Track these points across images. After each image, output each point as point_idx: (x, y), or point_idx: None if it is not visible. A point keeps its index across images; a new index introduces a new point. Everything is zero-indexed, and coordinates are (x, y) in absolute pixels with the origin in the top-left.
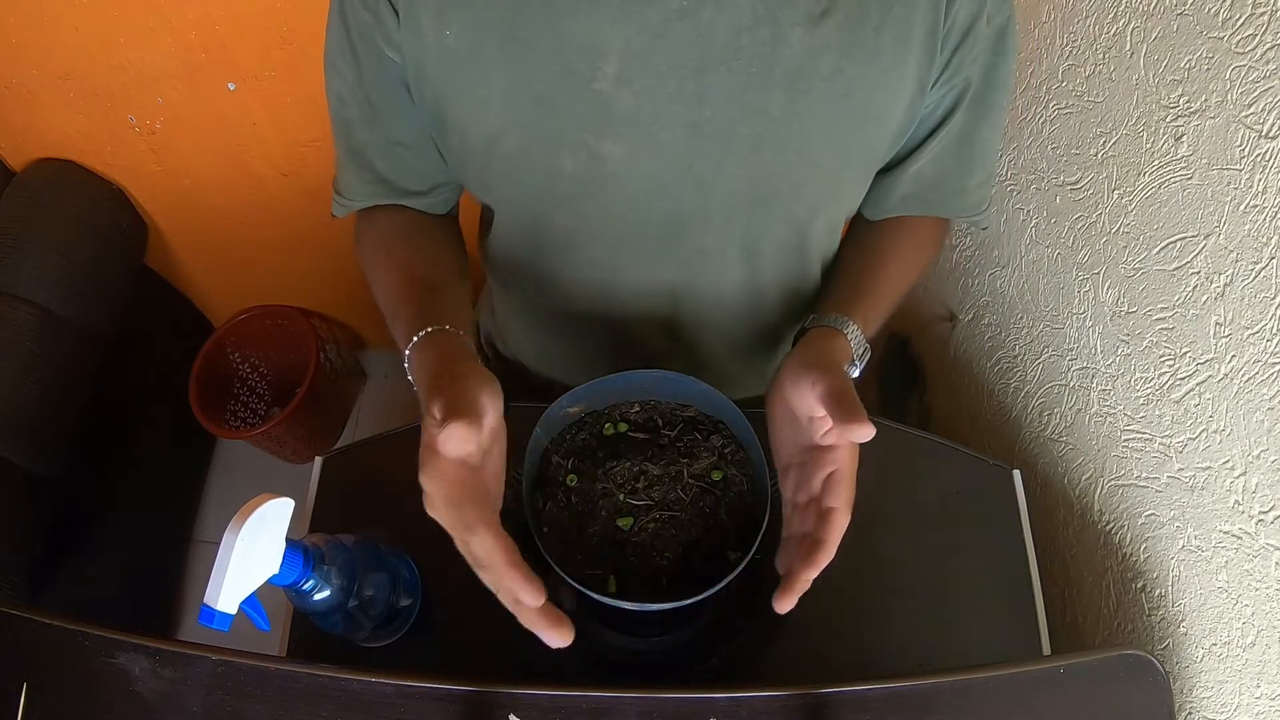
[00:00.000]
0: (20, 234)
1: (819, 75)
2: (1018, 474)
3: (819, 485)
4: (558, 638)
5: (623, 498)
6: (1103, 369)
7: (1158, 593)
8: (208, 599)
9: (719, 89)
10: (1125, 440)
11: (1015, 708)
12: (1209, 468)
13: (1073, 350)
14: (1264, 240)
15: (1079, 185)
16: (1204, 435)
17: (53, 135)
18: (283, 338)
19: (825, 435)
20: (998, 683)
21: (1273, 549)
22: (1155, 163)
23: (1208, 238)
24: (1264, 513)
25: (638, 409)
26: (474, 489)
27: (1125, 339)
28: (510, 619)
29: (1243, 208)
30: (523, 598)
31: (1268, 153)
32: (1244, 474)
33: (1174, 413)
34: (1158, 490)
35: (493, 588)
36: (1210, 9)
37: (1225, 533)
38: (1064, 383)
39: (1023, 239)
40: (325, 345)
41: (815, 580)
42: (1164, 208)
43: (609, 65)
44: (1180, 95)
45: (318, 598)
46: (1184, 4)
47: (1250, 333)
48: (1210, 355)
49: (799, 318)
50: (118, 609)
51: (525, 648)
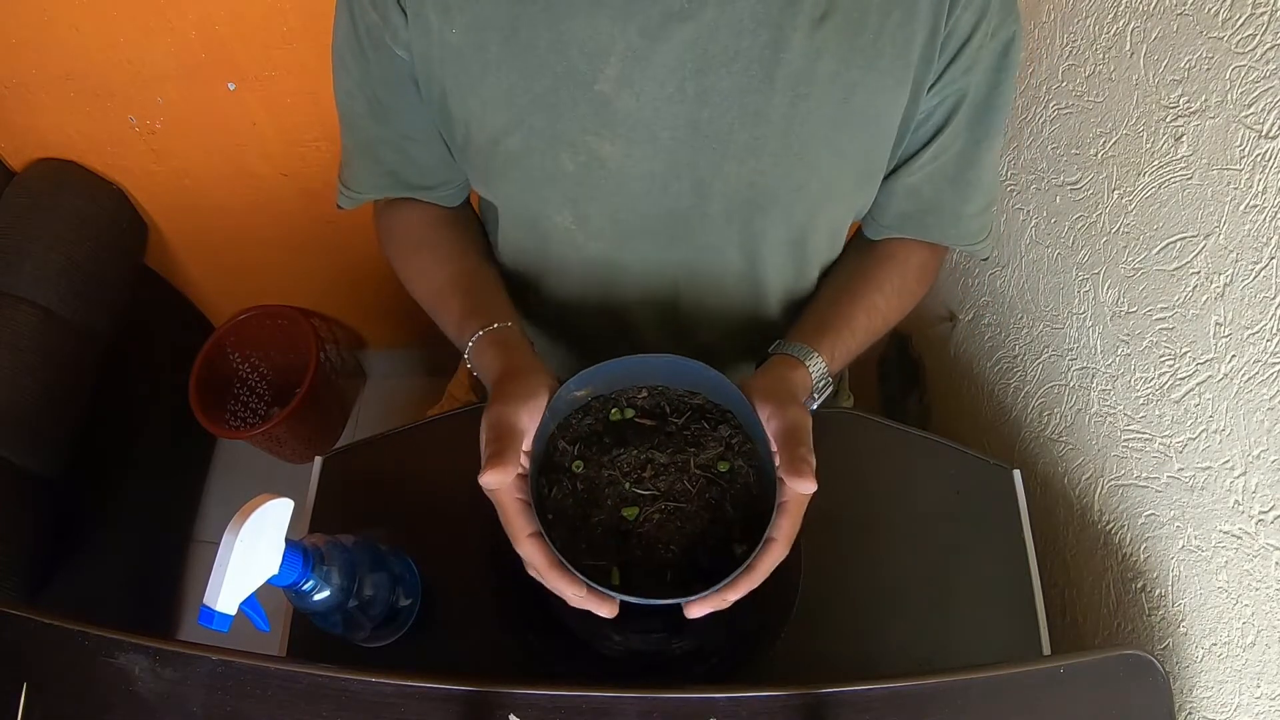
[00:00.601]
0: (20, 234)
1: (819, 79)
2: (1018, 474)
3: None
4: (608, 610)
5: (629, 486)
6: (1103, 369)
7: (1158, 593)
8: (208, 599)
9: (719, 91)
10: (1125, 440)
11: (1015, 708)
12: (1209, 468)
13: (1073, 350)
14: (1264, 240)
15: (1079, 185)
16: (1204, 435)
17: (53, 135)
18: (283, 338)
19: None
20: (998, 683)
21: (1273, 549)
22: (1155, 163)
23: (1208, 238)
24: (1264, 513)
25: (646, 394)
26: (516, 500)
27: (1125, 339)
28: (509, 619)
29: (1243, 208)
30: (566, 594)
31: (1268, 153)
32: (1244, 474)
33: (1174, 413)
34: (1158, 490)
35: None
36: (1210, 9)
37: (1225, 533)
38: (1064, 383)
39: (1023, 239)
40: (325, 345)
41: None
42: (1164, 208)
43: (610, 66)
44: (1180, 95)
45: (318, 598)
46: (1184, 4)
47: (1250, 333)
48: (1210, 355)
49: (798, 312)
50: (118, 609)
51: (525, 648)
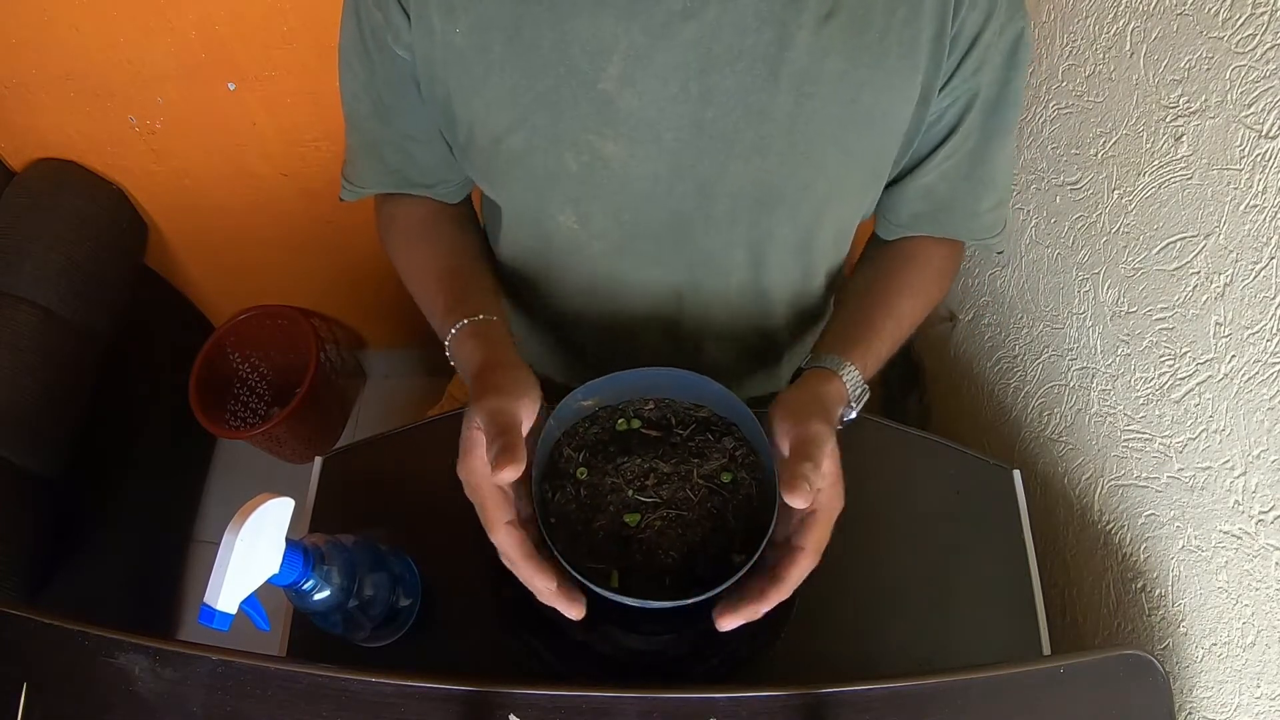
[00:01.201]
0: (20, 234)
1: (824, 78)
2: (1018, 474)
3: (795, 519)
4: (576, 610)
5: (631, 494)
6: (1103, 369)
7: (1158, 593)
8: (208, 599)
9: (723, 90)
10: (1125, 440)
11: (1015, 708)
12: (1209, 468)
13: (1073, 350)
14: (1264, 240)
15: (1079, 185)
16: (1204, 435)
17: (53, 135)
18: (283, 338)
19: None
20: (998, 683)
21: (1273, 549)
22: (1155, 163)
23: (1208, 238)
24: (1264, 513)
25: (652, 406)
26: (496, 487)
27: (1125, 339)
28: (509, 619)
29: (1243, 208)
30: (535, 586)
31: (1268, 153)
32: (1244, 474)
33: (1174, 413)
34: (1158, 490)
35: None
36: (1210, 9)
37: (1225, 533)
38: (1064, 383)
39: (1023, 239)
40: (325, 345)
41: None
42: (1164, 208)
43: (613, 65)
44: (1180, 95)
45: (318, 598)
46: (1184, 4)
47: (1250, 333)
48: (1210, 355)
49: (803, 321)
50: (118, 609)
51: (525, 647)
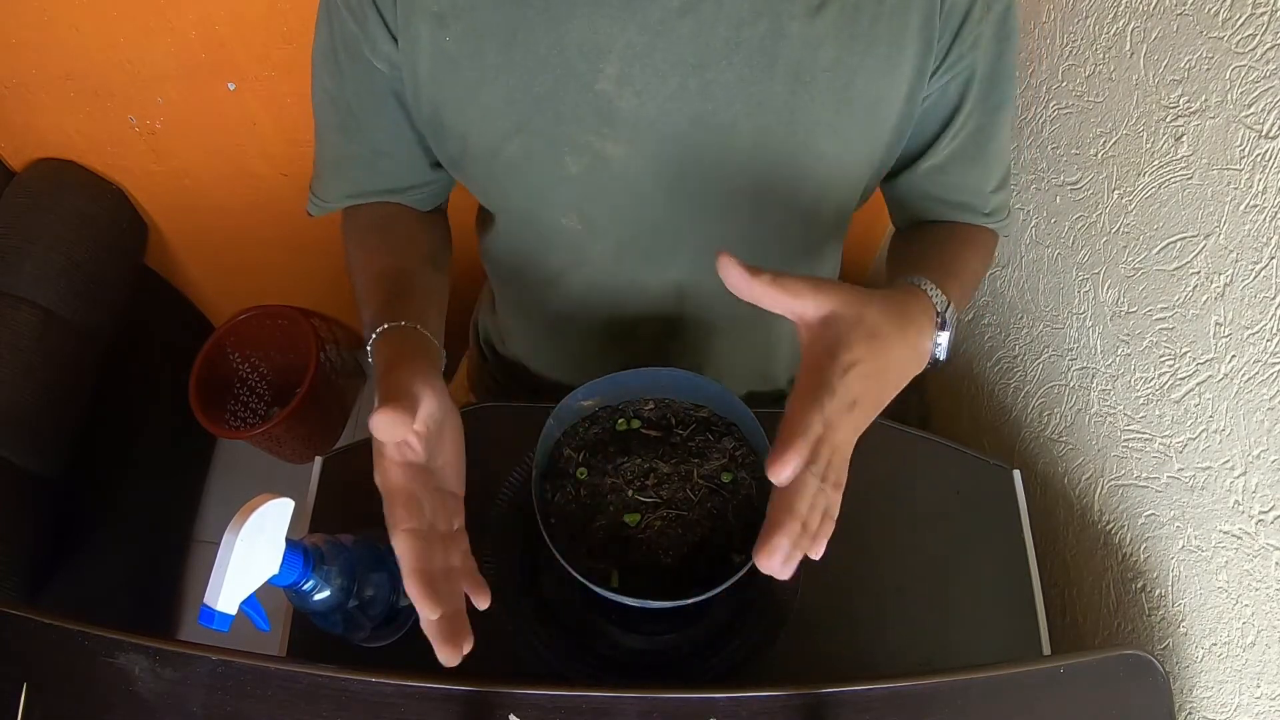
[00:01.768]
0: (20, 234)
1: (819, 67)
2: (1018, 474)
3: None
4: (447, 653)
5: (631, 494)
6: (1103, 369)
7: (1158, 593)
8: (208, 599)
9: (721, 84)
10: (1125, 440)
11: (1015, 708)
12: (1209, 468)
13: (1073, 350)
14: (1264, 240)
15: (1079, 185)
16: (1204, 435)
17: (53, 135)
18: (283, 338)
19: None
20: (998, 683)
21: (1273, 549)
22: (1155, 163)
23: (1208, 238)
24: (1264, 513)
25: (652, 406)
26: (404, 490)
27: (1125, 339)
28: (509, 619)
29: (1243, 208)
30: (419, 608)
31: (1268, 153)
32: (1244, 474)
33: (1174, 413)
34: (1158, 490)
35: None
36: (1210, 9)
37: (1225, 533)
38: (1064, 383)
39: (1023, 239)
40: (325, 345)
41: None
42: (1164, 208)
43: (610, 65)
44: (1180, 95)
45: (318, 598)
46: (1184, 4)
47: (1250, 333)
48: (1210, 355)
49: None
50: (118, 609)
51: (525, 648)
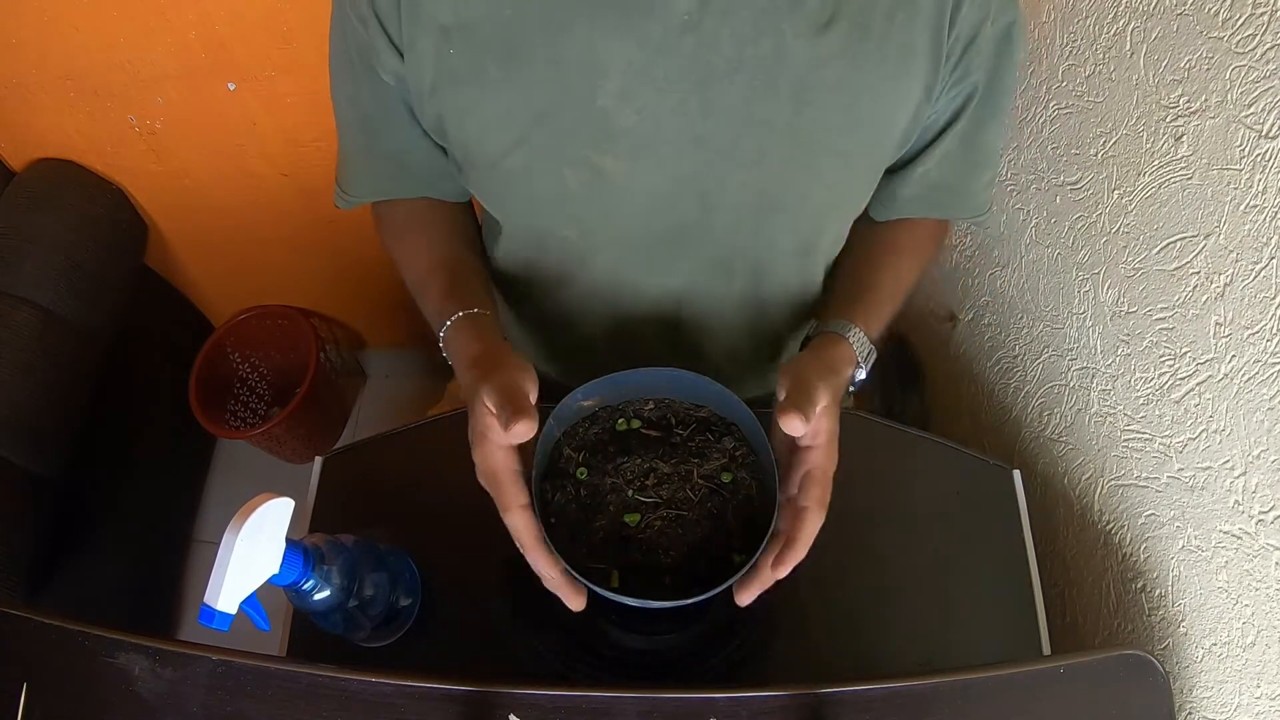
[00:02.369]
0: (20, 234)
1: (824, 86)
2: (1018, 474)
3: (795, 485)
4: (579, 601)
5: (631, 494)
6: (1103, 369)
7: (1158, 593)
8: (208, 599)
9: (722, 102)
10: (1125, 440)
11: (1015, 708)
12: (1209, 468)
13: (1073, 350)
14: (1264, 240)
15: (1079, 185)
16: (1204, 435)
17: (53, 135)
18: (283, 338)
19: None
20: (998, 683)
21: (1273, 549)
22: (1155, 163)
23: (1208, 238)
24: (1264, 513)
25: (652, 406)
26: (512, 471)
27: (1125, 339)
28: (509, 619)
29: (1243, 208)
30: (543, 572)
31: (1268, 153)
32: (1244, 474)
33: (1174, 413)
34: (1158, 490)
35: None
36: (1210, 9)
37: (1225, 533)
38: (1064, 383)
39: (1023, 239)
40: (325, 345)
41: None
42: (1164, 208)
43: (610, 82)
44: (1180, 95)
45: (318, 598)
46: (1184, 4)
47: (1250, 333)
48: (1210, 355)
49: (801, 324)
50: (118, 609)
51: (525, 647)
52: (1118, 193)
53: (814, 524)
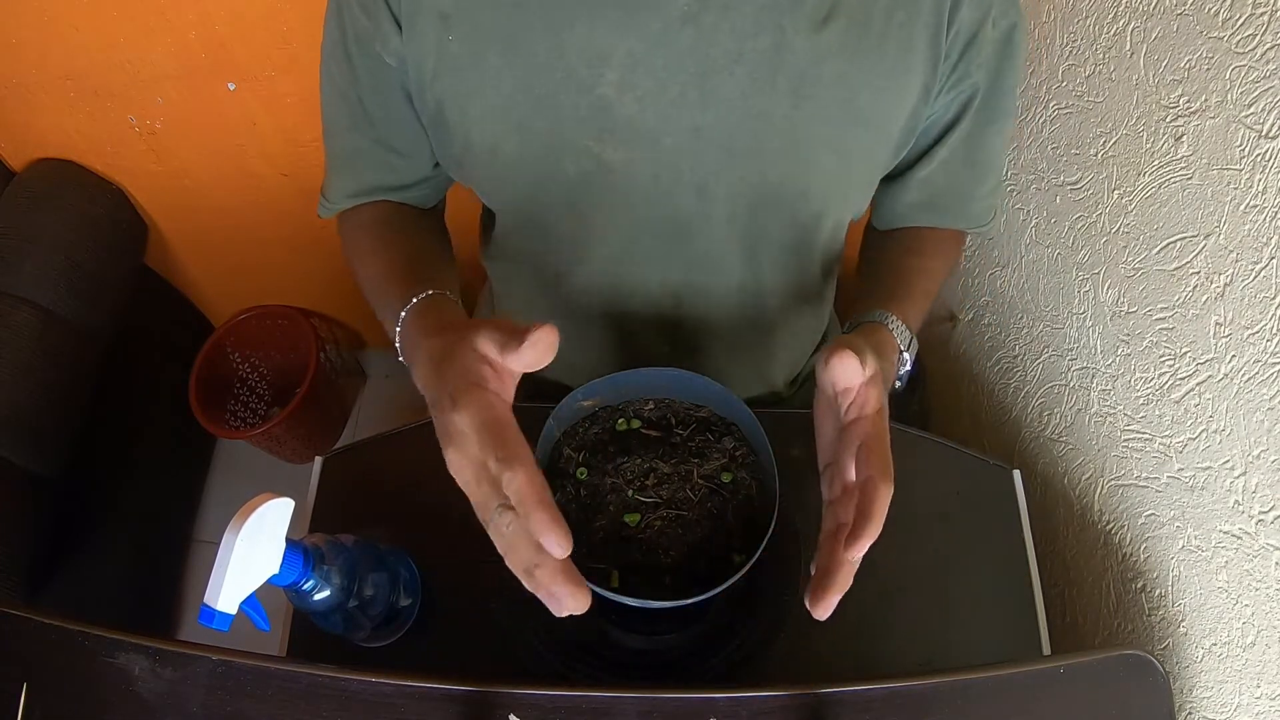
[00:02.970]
0: (20, 234)
1: (822, 81)
2: (1018, 474)
3: (849, 463)
4: (581, 598)
5: (631, 494)
6: (1103, 369)
7: (1158, 593)
8: (208, 599)
9: (721, 95)
10: (1125, 440)
11: (1015, 708)
12: (1209, 468)
13: (1073, 350)
14: (1264, 240)
15: (1079, 185)
16: (1204, 435)
17: (53, 135)
18: (283, 338)
19: (848, 408)
20: (998, 683)
21: (1273, 549)
22: (1155, 163)
23: (1208, 238)
24: (1264, 513)
25: (652, 406)
26: (515, 423)
27: (1125, 339)
28: (509, 619)
29: (1243, 208)
30: (553, 539)
31: (1268, 153)
32: (1244, 474)
33: (1174, 413)
34: (1158, 490)
35: (509, 544)
36: (1210, 9)
37: (1225, 533)
38: (1064, 383)
39: (1023, 239)
40: (325, 345)
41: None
42: (1164, 208)
43: (611, 71)
44: (1180, 95)
45: (318, 598)
46: (1184, 4)
47: (1250, 333)
48: (1210, 355)
49: (799, 319)
50: (118, 609)
51: (525, 647)
52: (1118, 193)
53: (885, 495)
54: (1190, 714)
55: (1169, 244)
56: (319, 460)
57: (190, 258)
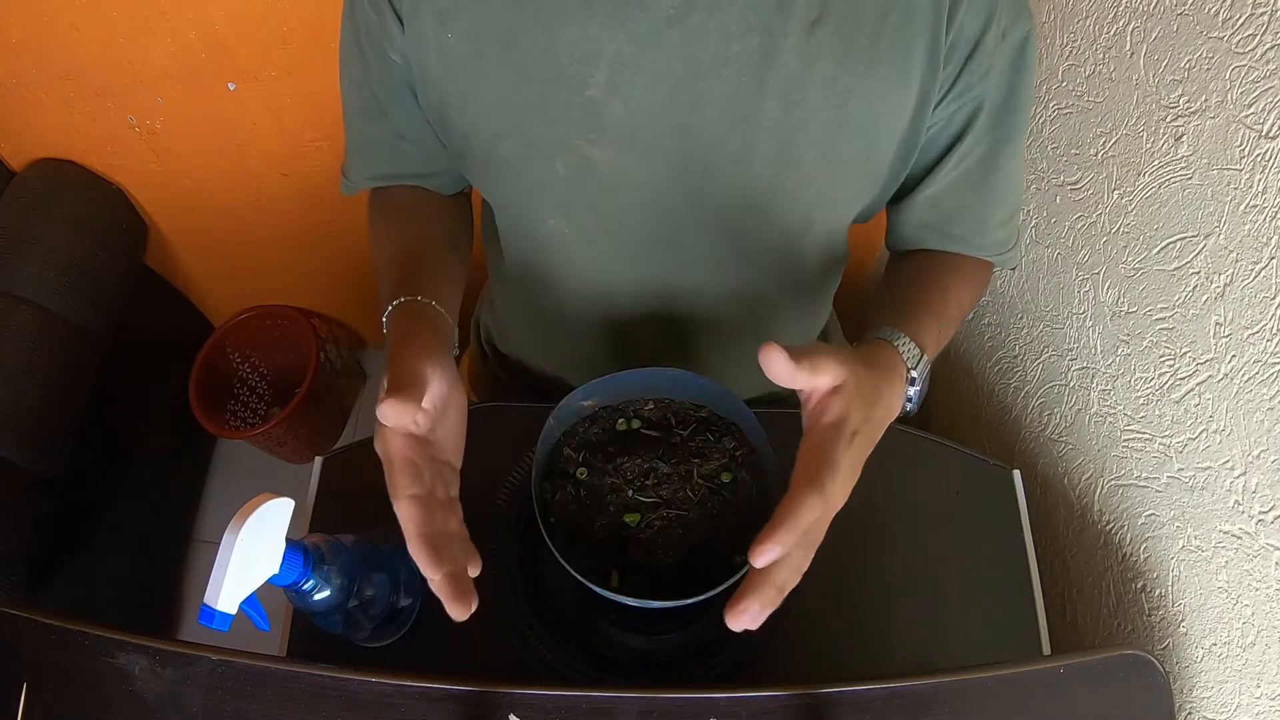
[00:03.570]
0: (20, 234)
1: (812, 84)
2: (1018, 474)
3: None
4: (457, 609)
5: (631, 494)
6: (1103, 369)
7: (1158, 593)
8: (208, 599)
9: (710, 97)
10: (1125, 440)
11: (1015, 708)
12: (1209, 468)
13: (1073, 350)
14: (1264, 240)
15: (1079, 185)
16: (1204, 435)
17: (53, 135)
18: (283, 338)
19: (807, 414)
20: (998, 683)
21: (1273, 549)
22: (1155, 163)
23: (1208, 238)
24: (1264, 513)
25: (652, 406)
26: (403, 457)
27: (1125, 339)
28: (510, 619)
29: (1243, 208)
30: (423, 569)
31: (1268, 153)
32: (1244, 474)
33: (1174, 413)
34: (1158, 490)
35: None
36: (1210, 9)
37: (1225, 533)
38: (1064, 383)
39: (1023, 239)
40: (325, 345)
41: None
42: (1164, 208)
43: (600, 72)
44: (1180, 95)
45: (318, 598)
46: (1184, 4)
47: (1250, 333)
48: (1210, 355)
49: (796, 320)
50: (118, 609)
51: (525, 647)
52: (1118, 193)
53: (801, 504)
54: (1190, 714)
55: (1169, 244)
56: (319, 460)
57: (190, 258)
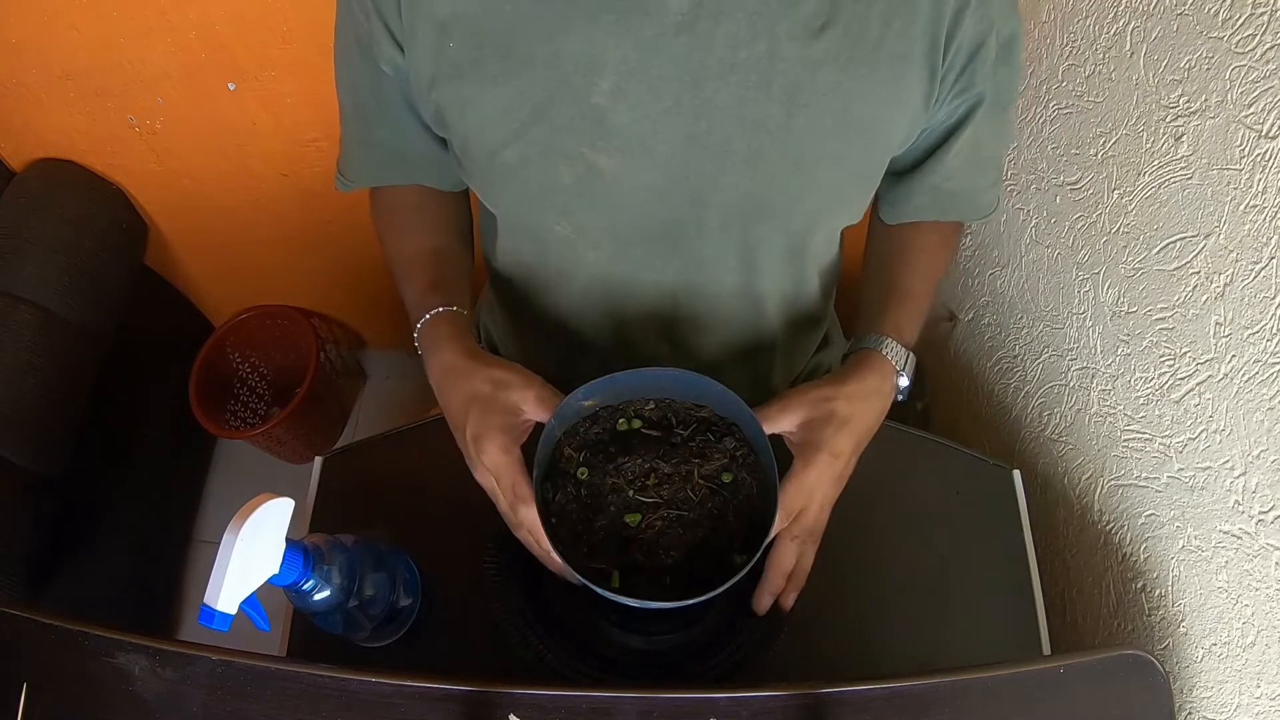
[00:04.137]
0: (20, 234)
1: (817, 89)
2: (1018, 474)
3: None
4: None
5: (632, 494)
6: (1103, 369)
7: (1158, 593)
8: (208, 599)
9: (715, 103)
10: (1125, 440)
11: (1015, 708)
12: (1209, 468)
13: (1073, 350)
14: (1264, 240)
15: (1079, 185)
16: (1204, 435)
17: (53, 135)
18: (283, 338)
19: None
20: (998, 683)
21: (1273, 549)
22: (1155, 163)
23: (1208, 238)
24: (1264, 513)
25: (652, 406)
26: (521, 469)
27: (1125, 339)
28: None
29: (1243, 208)
30: (548, 560)
31: (1268, 153)
32: (1244, 474)
33: (1174, 413)
34: (1158, 490)
35: (523, 540)
36: (1210, 9)
37: (1225, 533)
38: (1064, 383)
39: (1023, 239)
40: (325, 345)
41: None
42: (1164, 208)
43: (605, 80)
44: (1180, 95)
45: (318, 598)
46: (1184, 4)
47: (1250, 333)
48: (1210, 355)
49: (796, 323)
50: (118, 609)
51: (525, 647)
52: (1118, 193)
53: (780, 551)
54: (1190, 714)
55: (1169, 244)
56: (319, 460)
57: (190, 258)
